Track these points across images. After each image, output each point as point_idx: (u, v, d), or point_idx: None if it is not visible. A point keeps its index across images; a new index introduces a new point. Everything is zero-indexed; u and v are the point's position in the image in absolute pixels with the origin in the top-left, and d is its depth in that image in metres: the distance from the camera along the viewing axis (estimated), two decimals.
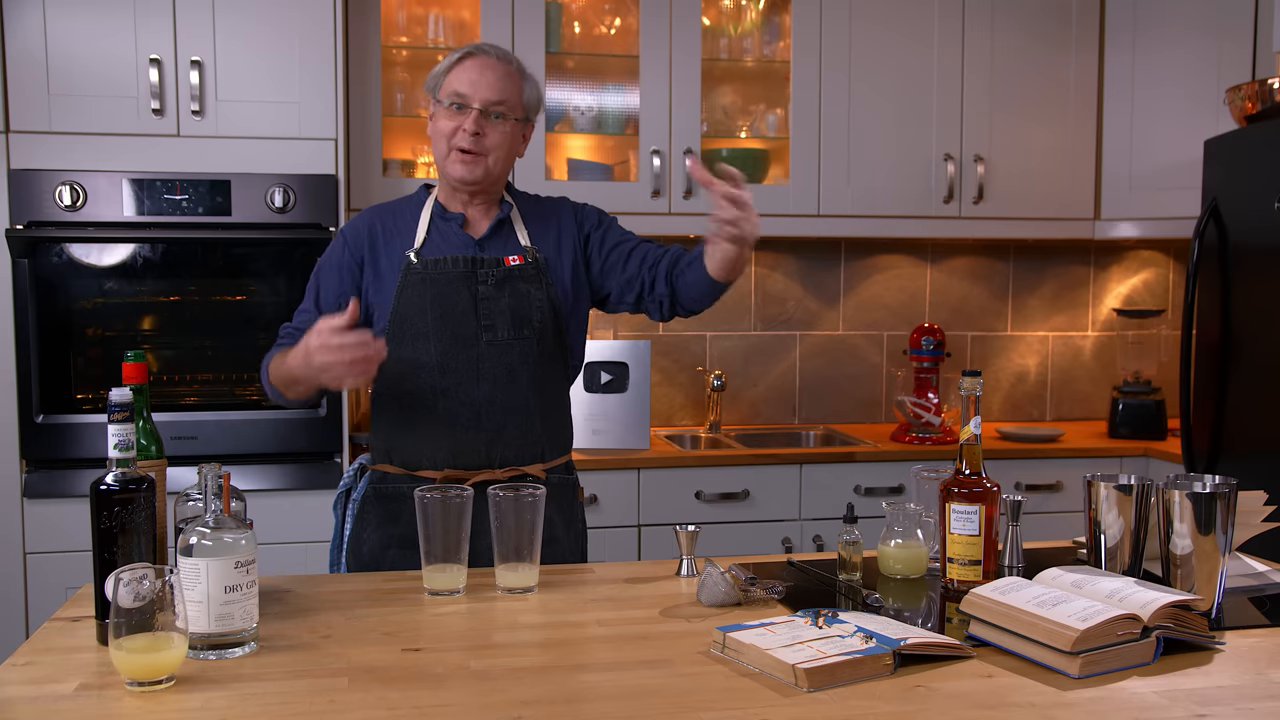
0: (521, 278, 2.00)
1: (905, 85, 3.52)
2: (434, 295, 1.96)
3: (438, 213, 2.05)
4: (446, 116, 1.98)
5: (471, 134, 1.95)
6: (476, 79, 1.96)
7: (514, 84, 2.00)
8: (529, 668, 1.38)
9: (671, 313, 2.09)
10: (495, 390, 1.98)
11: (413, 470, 2.00)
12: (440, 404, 1.97)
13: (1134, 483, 1.65)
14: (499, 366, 1.98)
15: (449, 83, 1.99)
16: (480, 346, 1.97)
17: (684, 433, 3.65)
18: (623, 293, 2.09)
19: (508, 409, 1.99)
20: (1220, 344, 2.96)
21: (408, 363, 1.97)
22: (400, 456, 2.01)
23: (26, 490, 2.88)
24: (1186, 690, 1.32)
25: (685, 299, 2.04)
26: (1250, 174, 2.87)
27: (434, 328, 1.96)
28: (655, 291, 2.05)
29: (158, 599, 1.30)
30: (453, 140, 1.97)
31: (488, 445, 1.98)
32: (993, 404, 4.00)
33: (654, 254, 2.07)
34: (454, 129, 1.97)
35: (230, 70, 2.94)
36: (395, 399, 2.01)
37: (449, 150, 1.98)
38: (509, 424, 1.99)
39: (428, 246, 2.01)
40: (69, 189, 2.83)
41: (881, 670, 1.35)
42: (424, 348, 1.97)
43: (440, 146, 2.00)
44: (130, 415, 1.46)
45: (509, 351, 1.98)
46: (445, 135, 1.98)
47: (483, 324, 1.97)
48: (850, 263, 3.88)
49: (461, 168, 1.97)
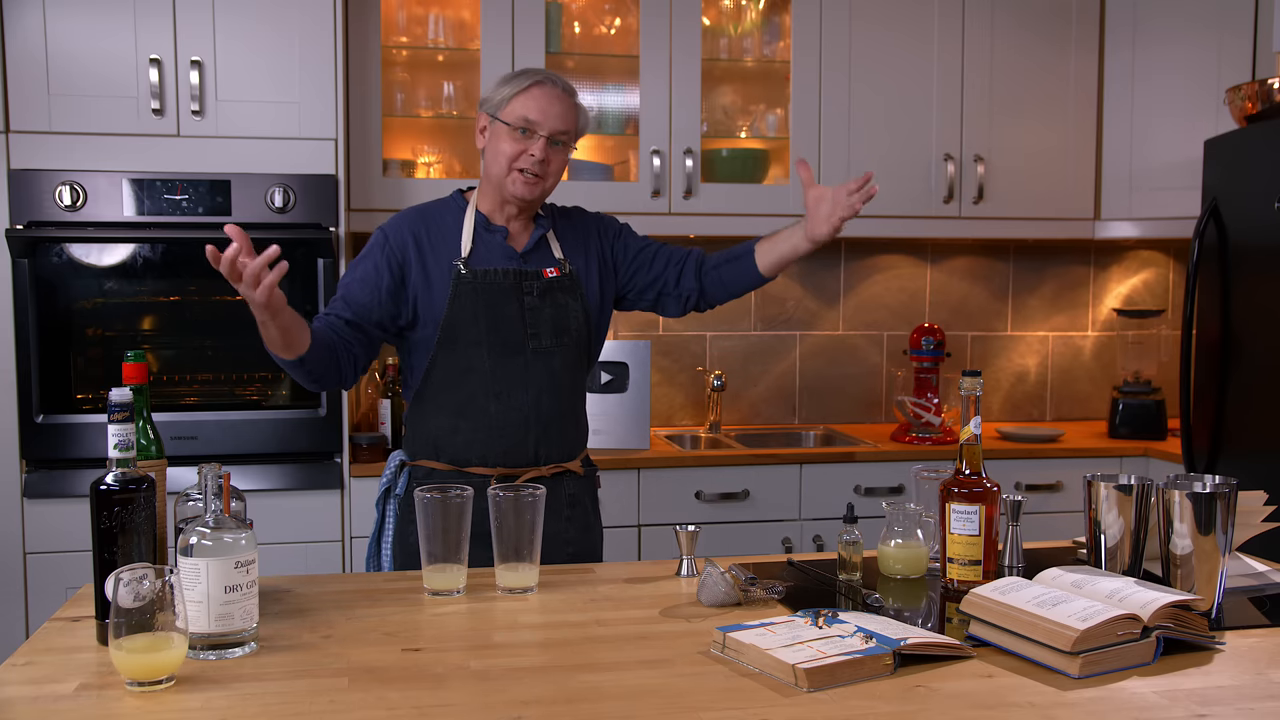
0: (560, 289, 2.14)
1: (905, 85, 3.52)
2: (485, 305, 2.07)
3: (481, 224, 2.14)
4: (511, 139, 2.07)
5: (539, 160, 2.06)
6: (546, 108, 2.06)
7: (574, 115, 2.12)
8: (529, 668, 1.38)
9: (692, 308, 2.27)
10: (541, 395, 2.10)
11: (462, 467, 2.09)
12: (492, 407, 2.09)
13: (1134, 483, 1.65)
14: (544, 373, 2.11)
15: (516, 107, 2.07)
16: (527, 354, 2.10)
17: (684, 433, 3.65)
18: (643, 291, 2.25)
19: (552, 412, 2.12)
20: (1220, 344, 2.96)
21: (459, 367, 2.08)
22: (449, 454, 2.11)
23: (26, 490, 2.88)
24: (1186, 690, 1.32)
25: (715, 295, 2.25)
26: (1250, 174, 2.87)
27: (485, 336, 2.07)
28: (680, 288, 2.24)
29: (158, 599, 1.30)
30: (516, 162, 2.06)
31: (535, 445, 2.11)
32: (993, 404, 4.00)
33: (676, 254, 2.25)
34: (519, 152, 2.06)
35: (230, 70, 2.94)
36: (445, 400, 2.10)
37: (510, 170, 2.07)
38: (553, 426, 2.12)
39: (474, 257, 2.11)
40: (69, 189, 2.83)
41: (881, 670, 1.35)
42: (476, 354, 2.08)
43: (500, 164, 2.08)
44: (130, 415, 1.46)
45: (551, 358, 2.11)
46: (509, 156, 2.07)
47: (529, 332, 2.10)
48: (850, 263, 3.88)
49: (525, 189, 2.07)
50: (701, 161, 3.42)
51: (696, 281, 2.23)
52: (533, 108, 2.05)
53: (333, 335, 1.98)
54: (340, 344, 1.99)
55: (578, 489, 2.18)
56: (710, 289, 2.24)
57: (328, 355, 1.95)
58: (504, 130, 2.07)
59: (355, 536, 3.00)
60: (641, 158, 3.38)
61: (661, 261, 2.24)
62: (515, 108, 2.06)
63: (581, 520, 2.18)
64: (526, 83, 2.07)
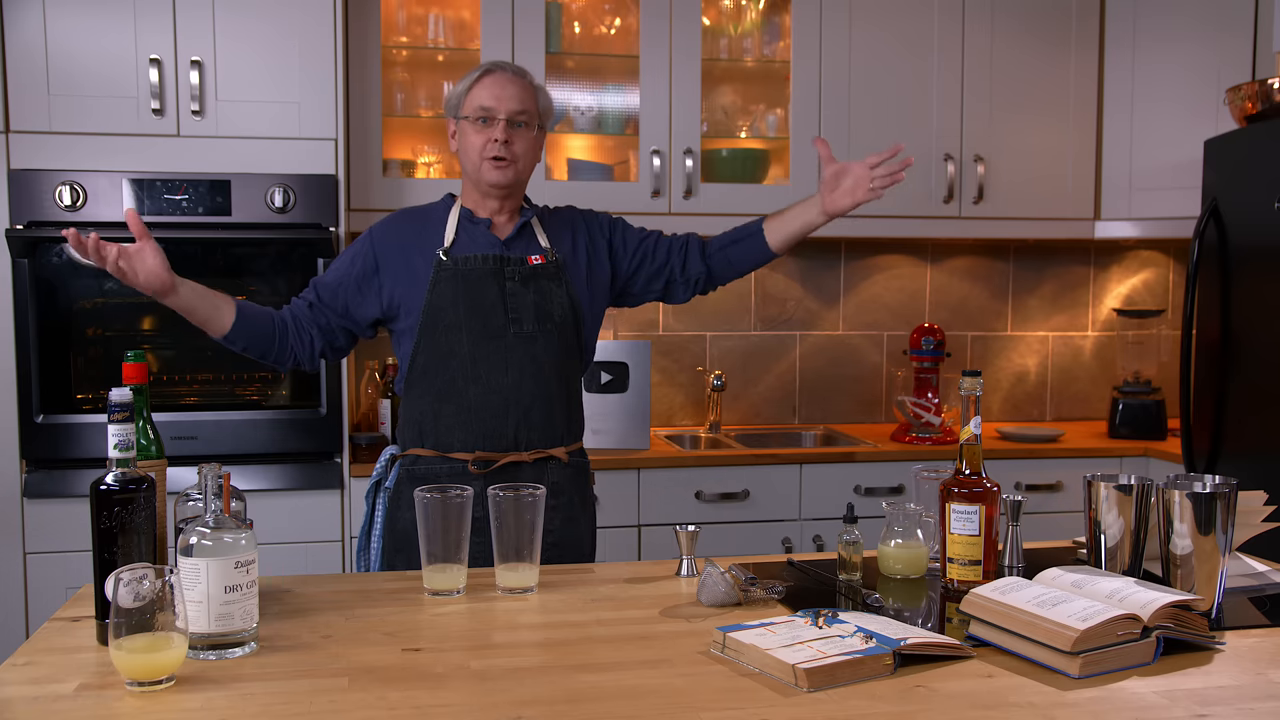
0: (543, 276, 2.16)
1: (905, 85, 3.52)
2: (464, 290, 2.11)
3: (465, 217, 2.18)
4: (475, 131, 2.12)
5: (502, 142, 2.09)
6: (500, 93, 2.11)
7: (531, 95, 2.15)
8: (529, 668, 1.38)
9: (700, 291, 2.31)
10: (522, 379, 2.12)
11: (445, 452, 2.12)
12: (471, 390, 2.11)
13: (1134, 483, 1.65)
14: (525, 357, 2.12)
15: (472, 99, 2.13)
16: (508, 338, 2.12)
17: (684, 433, 3.65)
18: (651, 281, 2.28)
19: (533, 396, 2.13)
20: (1220, 344, 2.96)
21: (440, 352, 2.12)
22: (433, 439, 2.14)
23: (26, 490, 2.88)
24: (1186, 690, 1.32)
25: (723, 275, 2.29)
26: (1250, 174, 2.87)
27: (465, 320, 2.10)
28: (688, 273, 2.27)
29: (158, 599, 1.30)
30: (484, 151, 2.11)
31: (515, 429, 2.12)
32: (993, 404, 4.00)
33: (676, 241, 2.29)
34: (485, 141, 2.11)
35: (230, 70, 2.94)
36: (428, 386, 2.13)
37: (481, 160, 2.12)
38: (534, 410, 2.13)
39: (457, 246, 2.15)
40: (69, 189, 2.83)
41: (881, 670, 1.35)
42: (455, 338, 2.11)
43: (472, 159, 2.13)
44: (130, 415, 1.46)
45: (533, 343, 2.13)
46: (476, 148, 2.12)
47: (510, 317, 2.12)
48: (850, 263, 3.88)
49: (496, 173, 2.11)
50: (701, 161, 3.42)
51: (703, 264, 2.27)
52: (486, 95, 2.11)
53: (284, 316, 2.12)
54: (291, 324, 2.12)
55: (562, 478, 2.17)
56: (718, 270, 2.28)
57: (262, 333, 2.08)
58: (467, 125, 2.13)
59: (355, 536, 2.98)
60: (641, 158, 3.38)
61: (664, 250, 2.27)
62: (472, 100, 2.13)
63: (565, 510, 2.17)
64: (477, 74, 2.14)
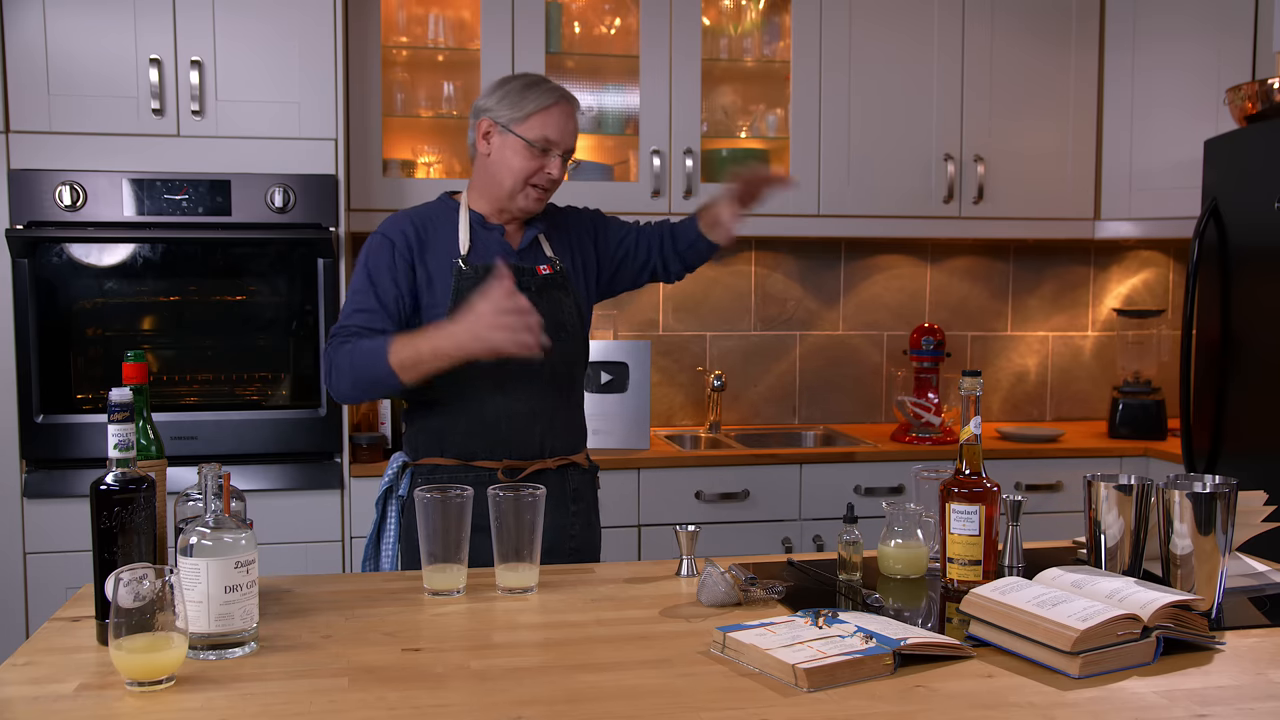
0: (553, 286, 2.16)
1: (905, 85, 3.52)
2: None
3: (478, 223, 2.15)
4: (528, 155, 2.08)
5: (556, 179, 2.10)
6: (564, 126, 2.09)
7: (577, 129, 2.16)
8: (529, 668, 1.38)
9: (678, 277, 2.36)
10: (546, 388, 2.13)
11: (468, 461, 2.10)
12: (498, 400, 2.10)
13: (1134, 483, 1.65)
14: (545, 367, 2.09)
15: (536, 125, 2.07)
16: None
17: (684, 433, 3.65)
18: (638, 275, 2.32)
19: (556, 405, 2.15)
20: (1220, 344, 2.96)
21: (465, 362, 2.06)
22: (454, 449, 2.11)
23: (26, 490, 2.88)
24: (1186, 690, 1.32)
25: (694, 263, 2.33)
26: (1250, 174, 2.87)
27: None
28: (669, 268, 2.32)
29: (158, 599, 1.30)
30: (532, 178, 2.09)
31: (541, 438, 2.13)
32: (993, 404, 4.00)
33: (654, 233, 2.31)
34: (536, 169, 2.08)
35: (230, 70, 2.94)
36: (450, 396, 2.10)
37: (524, 185, 2.09)
38: (558, 419, 2.15)
39: (474, 254, 2.12)
40: (69, 189, 2.83)
41: (881, 670, 1.35)
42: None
43: (512, 178, 2.09)
44: (130, 415, 1.46)
45: (552, 353, 2.09)
46: (525, 172, 2.08)
47: None
48: (850, 262, 3.88)
49: (536, 205, 2.12)
50: (702, 161, 3.42)
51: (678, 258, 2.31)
52: (553, 127, 2.07)
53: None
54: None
55: (581, 484, 2.19)
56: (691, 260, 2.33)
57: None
58: (520, 145, 2.07)
59: (355, 536, 3.00)
60: (641, 158, 3.38)
61: (644, 246, 2.29)
62: (535, 125, 2.07)
63: (585, 516, 2.20)
64: (548, 101, 2.08)
